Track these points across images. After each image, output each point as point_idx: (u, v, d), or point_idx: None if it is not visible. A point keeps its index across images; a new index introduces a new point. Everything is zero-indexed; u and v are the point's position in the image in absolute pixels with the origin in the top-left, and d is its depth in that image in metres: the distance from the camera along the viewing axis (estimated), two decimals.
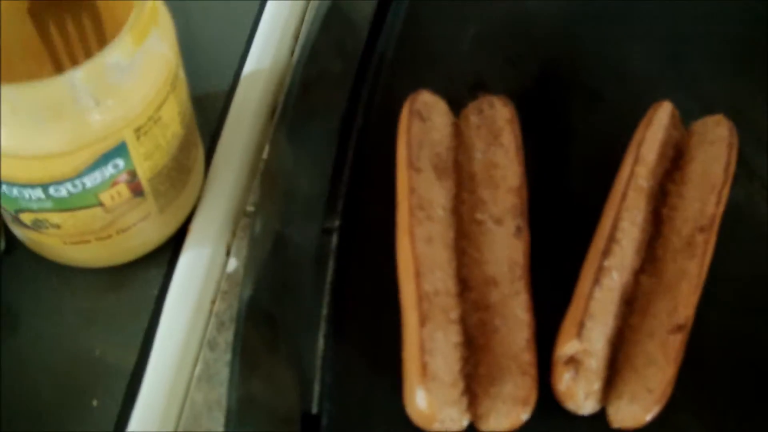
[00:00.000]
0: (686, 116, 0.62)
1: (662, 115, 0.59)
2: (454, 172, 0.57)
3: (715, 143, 0.58)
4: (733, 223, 0.60)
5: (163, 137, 0.53)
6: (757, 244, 0.61)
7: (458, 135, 0.59)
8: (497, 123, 0.58)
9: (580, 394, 0.50)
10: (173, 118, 0.53)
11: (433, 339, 0.48)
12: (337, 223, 0.58)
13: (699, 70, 0.70)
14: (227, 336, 0.56)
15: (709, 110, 0.62)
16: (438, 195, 0.55)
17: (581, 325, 0.50)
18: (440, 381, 0.47)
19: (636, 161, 0.56)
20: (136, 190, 0.53)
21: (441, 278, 0.51)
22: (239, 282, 0.57)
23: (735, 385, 0.55)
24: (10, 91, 0.44)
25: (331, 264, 0.56)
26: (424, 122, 0.57)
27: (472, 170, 0.57)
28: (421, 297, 0.49)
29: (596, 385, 0.50)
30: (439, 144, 0.57)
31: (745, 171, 0.64)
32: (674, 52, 0.70)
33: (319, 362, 0.53)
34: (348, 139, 0.61)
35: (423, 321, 0.49)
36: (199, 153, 0.61)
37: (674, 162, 0.59)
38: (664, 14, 0.72)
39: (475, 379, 0.49)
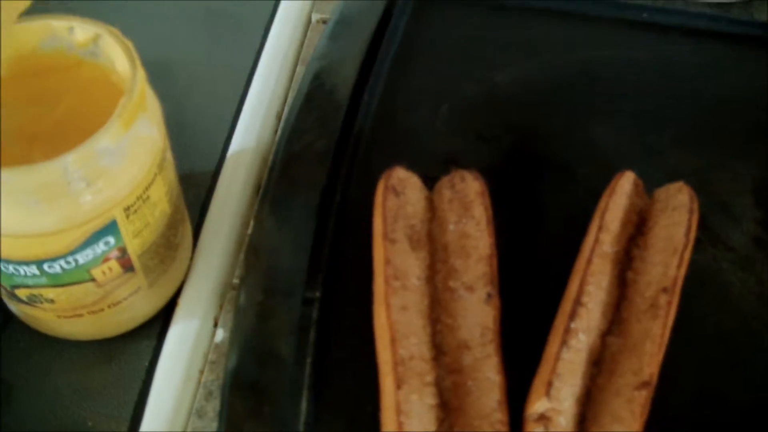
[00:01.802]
0: (654, 186, 0.65)
1: (625, 183, 0.62)
2: (428, 244, 0.59)
3: (677, 209, 0.61)
4: (698, 286, 0.63)
5: (151, 215, 0.55)
6: (721, 306, 0.63)
7: (432, 208, 0.61)
8: (468, 196, 0.61)
9: None
10: (161, 197, 0.56)
11: (409, 401, 0.50)
12: (317, 294, 0.59)
13: (664, 143, 0.73)
14: (215, 405, 0.58)
15: (674, 180, 0.64)
16: (412, 265, 0.57)
17: (549, 385, 0.52)
18: None
19: (600, 228, 0.59)
20: (127, 266, 0.56)
21: (416, 344, 0.53)
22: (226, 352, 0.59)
23: None
24: (6, 174, 0.46)
25: (312, 333, 0.58)
26: (399, 197, 0.60)
27: (445, 241, 0.60)
28: (397, 362, 0.52)
29: None
30: (413, 217, 0.60)
31: (708, 236, 0.66)
32: (640, 127, 0.73)
33: (302, 427, 0.54)
34: (328, 213, 0.64)
35: (399, 384, 0.51)
36: (187, 229, 0.64)
37: (638, 228, 0.62)
38: (628, 92, 0.76)
39: None
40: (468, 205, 0.61)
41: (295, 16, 0.86)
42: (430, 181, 0.63)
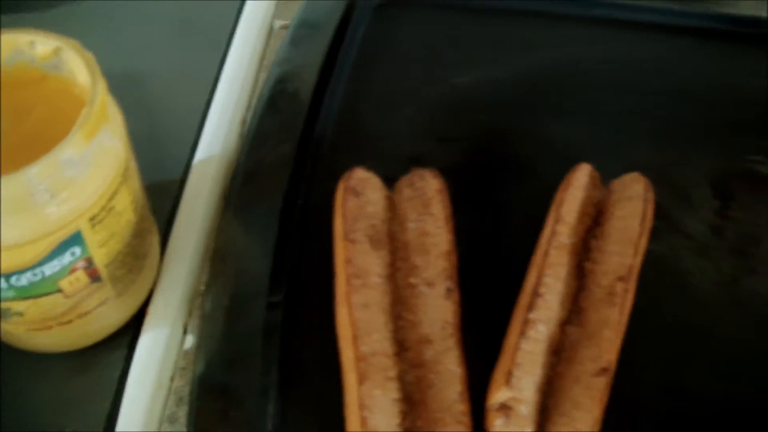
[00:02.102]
0: (613, 179, 0.66)
1: (581, 176, 0.63)
2: (388, 242, 0.61)
3: (632, 199, 0.63)
4: (658, 274, 0.64)
5: (117, 225, 0.56)
6: (680, 293, 0.65)
7: (392, 207, 0.62)
8: (428, 194, 0.62)
9: None
10: (126, 206, 0.56)
11: (372, 396, 0.51)
12: (282, 296, 0.61)
13: (623, 138, 0.74)
14: (185, 410, 0.59)
15: (632, 171, 0.66)
16: (373, 264, 0.58)
17: (509, 374, 0.53)
18: None
19: (557, 221, 0.60)
20: (94, 276, 0.56)
21: (378, 340, 0.54)
22: None
23: (658, 428, 0.59)
24: None
25: (278, 335, 0.59)
26: (359, 197, 0.61)
27: (405, 239, 0.61)
28: (359, 358, 0.53)
29: (528, 430, 0.53)
30: (373, 217, 0.61)
31: (666, 225, 0.68)
32: (599, 123, 0.75)
33: (270, 429, 0.55)
34: (292, 217, 0.65)
35: (361, 380, 0.52)
36: (154, 238, 0.65)
37: (596, 219, 0.63)
38: (586, 89, 0.77)
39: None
40: (427, 202, 0.62)
41: (258, 23, 0.87)
42: (391, 182, 0.64)
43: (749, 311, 0.64)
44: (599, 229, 0.62)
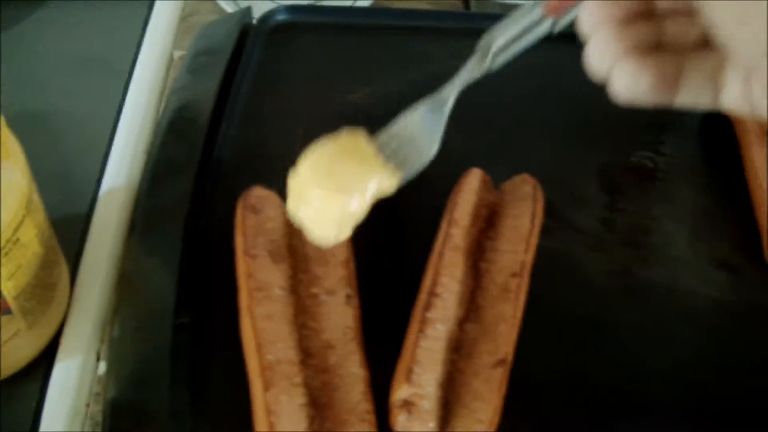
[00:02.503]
0: (503, 181, 0.69)
1: (472, 180, 0.66)
2: (288, 256, 0.63)
3: (522, 199, 0.66)
4: (552, 269, 0.67)
5: (23, 257, 0.57)
6: (575, 285, 0.68)
7: (291, 222, 0.64)
8: None
9: None
10: (32, 238, 0.58)
11: (278, 402, 0.53)
12: (189, 317, 0.62)
13: (513, 142, 0.78)
14: None
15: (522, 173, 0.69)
16: (275, 277, 0.60)
17: (410, 372, 0.56)
18: None
19: (450, 224, 0.63)
20: (4, 309, 0.57)
21: (282, 349, 0.56)
22: None
23: (560, 414, 0.61)
24: None
25: (187, 352, 0.60)
26: (258, 214, 0.63)
27: (305, 251, 0.63)
28: (264, 366, 0.55)
29: (431, 424, 0.55)
30: (273, 232, 0.63)
31: (558, 222, 0.71)
32: (490, 129, 0.78)
33: None
34: (194, 239, 0.66)
35: (267, 387, 0.54)
36: (63, 270, 0.66)
37: (488, 221, 0.66)
38: (477, 97, 0.79)
39: None
40: None
41: (158, 55, 0.89)
42: None
43: (641, 298, 0.68)
44: (492, 230, 0.65)
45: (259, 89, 0.80)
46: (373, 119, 0.77)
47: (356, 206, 0.57)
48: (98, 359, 0.65)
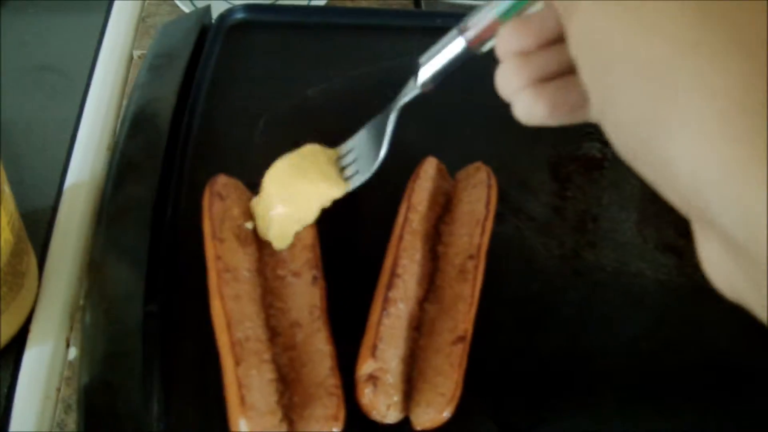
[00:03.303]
0: (458, 170, 0.72)
1: (428, 168, 0.69)
2: (255, 240, 0.65)
3: (477, 186, 0.68)
4: (506, 254, 0.70)
5: None
6: (528, 268, 0.71)
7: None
8: None
9: (381, 406, 0.58)
10: (4, 226, 0.59)
11: (249, 376, 0.55)
12: (158, 301, 0.64)
13: (466, 133, 0.81)
14: (74, 416, 0.62)
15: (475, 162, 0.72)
16: (242, 260, 0.62)
17: (374, 347, 0.58)
18: (258, 410, 0.54)
19: (408, 209, 0.66)
20: None
21: (251, 327, 0.58)
22: None
23: (515, 388, 0.64)
24: None
25: (157, 333, 0.62)
26: (224, 200, 0.65)
27: None
28: (234, 343, 0.57)
29: (395, 398, 0.58)
30: (239, 218, 0.65)
31: (510, 209, 0.74)
32: (443, 122, 0.81)
33: (155, 422, 0.59)
34: (161, 228, 0.68)
35: (238, 362, 0.56)
36: (32, 259, 0.68)
37: (445, 207, 0.69)
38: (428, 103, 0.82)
39: (291, 408, 0.57)
40: None
41: (117, 55, 0.90)
42: (253, 187, 0.68)
43: (590, 279, 0.71)
44: (449, 216, 0.68)
45: (219, 85, 0.81)
46: (330, 113, 0.81)
47: (314, 216, 0.65)
48: (68, 345, 0.67)
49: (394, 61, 0.85)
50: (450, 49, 0.57)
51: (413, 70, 0.60)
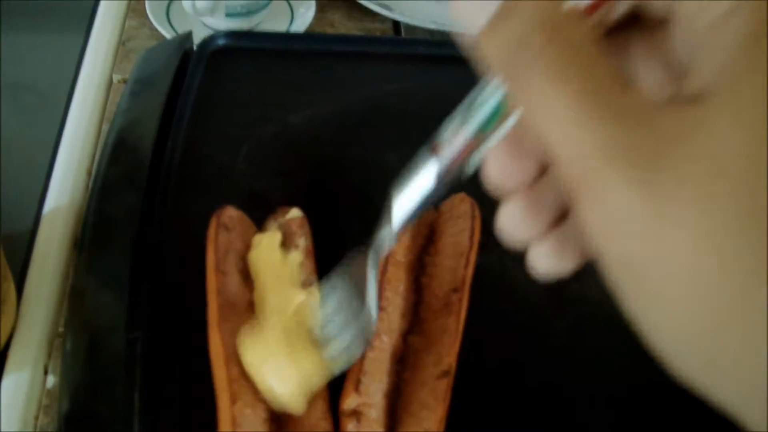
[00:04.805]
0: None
1: None
2: None
3: (461, 217, 0.68)
4: (488, 285, 0.70)
5: None
6: (512, 299, 0.71)
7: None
8: (292, 228, 0.66)
9: None
10: None
11: (243, 414, 0.55)
12: (141, 331, 0.63)
13: None
14: None
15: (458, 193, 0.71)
16: (243, 294, 0.62)
17: (358, 382, 0.58)
18: None
19: None
20: None
21: None
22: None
23: (500, 421, 0.64)
24: None
25: (139, 364, 0.61)
26: (230, 233, 0.65)
27: None
28: (231, 379, 0.56)
29: (378, 431, 0.57)
30: (243, 251, 0.65)
31: (493, 240, 0.73)
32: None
33: None
34: (144, 256, 0.68)
35: (233, 399, 0.55)
36: (10, 286, 0.67)
37: (429, 238, 0.69)
38: (413, 119, 0.80)
39: None
40: (292, 236, 0.66)
41: (97, 79, 0.90)
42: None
43: (575, 313, 0.71)
44: (432, 247, 0.68)
45: (201, 111, 0.81)
46: (312, 140, 0.81)
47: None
48: (46, 372, 0.66)
49: (373, 88, 0.85)
50: (424, 176, 0.44)
51: (386, 204, 0.49)
